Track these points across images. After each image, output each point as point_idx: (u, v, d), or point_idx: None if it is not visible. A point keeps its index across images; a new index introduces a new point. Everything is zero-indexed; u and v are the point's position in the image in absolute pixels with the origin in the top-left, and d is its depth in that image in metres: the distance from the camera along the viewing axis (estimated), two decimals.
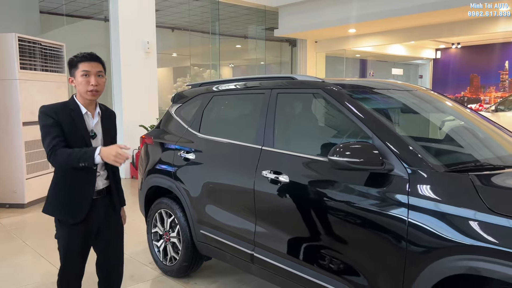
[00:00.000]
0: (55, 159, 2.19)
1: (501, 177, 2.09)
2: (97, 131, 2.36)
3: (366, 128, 2.38)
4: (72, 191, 2.29)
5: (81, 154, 2.16)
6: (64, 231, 2.33)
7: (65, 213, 2.30)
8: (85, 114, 2.31)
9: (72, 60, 2.28)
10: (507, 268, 1.74)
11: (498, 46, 13.74)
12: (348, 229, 2.35)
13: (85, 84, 2.23)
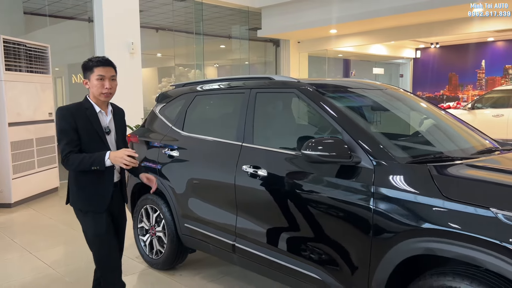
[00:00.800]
0: (68, 164, 2.38)
1: (456, 167, 2.30)
2: (111, 127, 2.56)
3: (336, 125, 2.58)
4: (95, 184, 2.47)
5: (93, 160, 2.35)
6: (90, 220, 2.50)
7: (90, 205, 2.49)
8: (99, 112, 2.50)
9: (88, 64, 2.46)
10: (458, 247, 1.95)
11: (475, 45, 14.17)
12: (321, 217, 2.54)
13: (100, 87, 2.43)
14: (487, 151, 2.79)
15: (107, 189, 2.51)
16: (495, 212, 1.87)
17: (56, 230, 5.19)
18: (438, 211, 2.04)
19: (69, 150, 2.37)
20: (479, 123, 10.02)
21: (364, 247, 2.30)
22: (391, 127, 3.26)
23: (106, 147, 2.48)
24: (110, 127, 2.55)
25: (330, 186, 2.49)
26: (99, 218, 2.49)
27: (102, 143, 2.47)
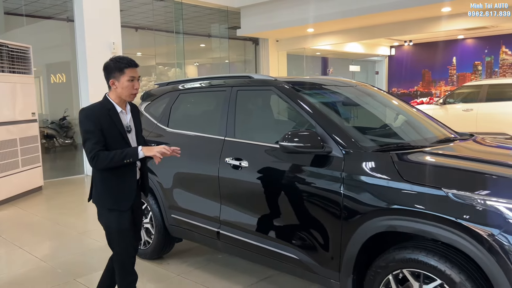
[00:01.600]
0: (98, 163, 2.43)
1: (415, 154, 2.59)
2: (131, 125, 2.64)
3: (310, 119, 2.84)
4: (120, 184, 2.55)
5: (125, 154, 2.44)
6: (115, 218, 2.56)
7: (115, 203, 2.55)
8: (120, 112, 2.57)
9: (118, 65, 2.50)
10: (416, 223, 2.24)
11: (446, 43, 14.71)
12: (298, 203, 2.80)
13: (130, 88, 2.51)
14: (446, 140, 3.10)
15: (131, 188, 2.58)
16: (446, 191, 2.16)
17: (43, 226, 5.32)
18: (398, 192, 2.32)
19: (98, 149, 2.42)
20: (450, 117, 10.48)
21: (336, 228, 2.57)
22: (362, 120, 3.54)
23: (129, 146, 2.55)
24: (131, 126, 2.62)
25: (305, 174, 2.75)
26: (124, 215, 2.57)
27: (125, 142, 2.54)
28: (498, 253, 1.99)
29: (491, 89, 10.18)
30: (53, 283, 3.60)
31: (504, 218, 2.01)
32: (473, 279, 2.08)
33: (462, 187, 2.15)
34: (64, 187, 7.56)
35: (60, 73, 12.61)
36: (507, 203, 2.02)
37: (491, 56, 13.94)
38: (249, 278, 3.55)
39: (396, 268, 2.32)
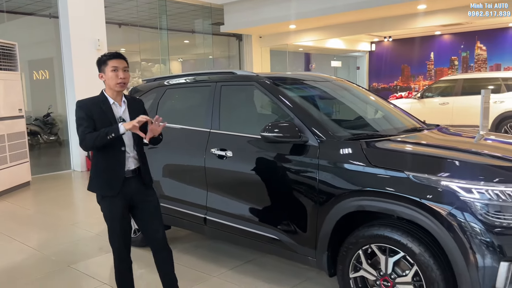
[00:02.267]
0: (85, 142, 2.57)
1: (382, 142, 2.86)
2: (125, 117, 2.71)
3: (288, 111, 3.09)
4: (108, 171, 2.67)
5: (108, 130, 2.54)
6: (107, 204, 2.69)
7: (103, 189, 2.69)
8: (112, 104, 2.67)
9: (101, 59, 2.66)
10: (382, 203, 2.52)
11: (424, 39, 15.15)
12: (278, 188, 3.06)
13: (114, 78, 2.62)
14: (412, 130, 3.39)
15: (118, 175, 2.66)
16: (407, 173, 2.44)
17: (34, 219, 5.48)
18: (366, 175, 2.60)
19: (86, 132, 2.56)
20: (427, 110, 10.88)
21: (312, 210, 2.84)
22: (337, 112, 3.81)
23: (120, 137, 2.61)
24: (124, 117, 2.70)
25: (285, 162, 3.00)
26: (114, 201, 2.67)
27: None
28: (451, 226, 2.28)
29: (466, 83, 10.59)
30: (48, 270, 3.80)
31: (457, 196, 2.29)
32: (431, 250, 2.37)
33: (421, 169, 2.43)
34: (52, 182, 7.69)
35: (43, 69, 12.59)
36: (459, 182, 2.31)
37: (467, 52, 14.42)
38: (234, 261, 3.80)
39: (365, 244, 2.60)
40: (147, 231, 2.88)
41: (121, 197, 2.70)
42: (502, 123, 9.88)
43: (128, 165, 2.71)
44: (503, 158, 2.61)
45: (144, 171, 2.79)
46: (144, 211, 2.82)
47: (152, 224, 2.85)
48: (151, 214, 2.83)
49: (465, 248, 2.25)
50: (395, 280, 2.51)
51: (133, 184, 2.74)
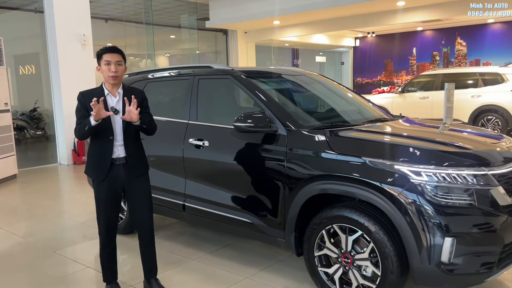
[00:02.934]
0: (76, 133, 2.89)
1: (344, 131, 3.09)
2: (118, 107, 2.89)
3: (260, 103, 3.30)
4: (97, 157, 2.92)
5: (84, 123, 2.78)
6: (96, 186, 2.94)
7: (94, 173, 2.95)
8: (107, 95, 2.87)
9: (98, 53, 2.88)
10: (342, 186, 2.75)
11: (406, 34, 15.48)
12: (251, 175, 3.27)
13: (107, 71, 2.83)
14: (376, 120, 3.63)
15: (105, 161, 2.87)
16: (364, 159, 2.67)
17: (20, 209, 5.63)
18: (329, 161, 2.83)
19: (78, 123, 2.85)
20: (408, 104, 11.18)
21: (281, 194, 3.06)
22: (308, 104, 4.03)
23: (109, 125, 2.84)
24: (117, 107, 2.88)
25: (257, 150, 3.22)
26: (100, 185, 2.91)
27: (105, 121, 2.81)
28: (402, 206, 2.51)
29: (445, 78, 10.88)
30: (35, 256, 3.97)
31: (407, 178, 2.53)
32: (385, 228, 2.60)
33: (376, 155, 2.66)
34: (38, 175, 7.81)
35: (30, 64, 12.61)
36: (409, 166, 2.54)
37: (447, 47, 14.77)
38: (212, 246, 4.02)
39: (328, 224, 2.83)
40: (136, 217, 3.09)
41: (108, 182, 2.90)
42: (479, 116, 10.21)
43: (118, 152, 2.89)
44: (453, 145, 2.85)
45: (132, 159, 2.94)
46: (134, 198, 3.01)
47: (141, 211, 3.05)
48: (141, 201, 3.02)
49: (414, 225, 2.49)
50: (354, 256, 2.75)
51: (121, 171, 2.92)
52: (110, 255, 3.07)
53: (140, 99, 2.94)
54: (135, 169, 2.97)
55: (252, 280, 3.30)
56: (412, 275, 2.59)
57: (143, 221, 3.06)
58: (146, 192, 3.05)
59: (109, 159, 2.88)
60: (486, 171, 2.55)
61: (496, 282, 3.17)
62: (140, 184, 3.02)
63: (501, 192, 2.56)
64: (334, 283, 2.85)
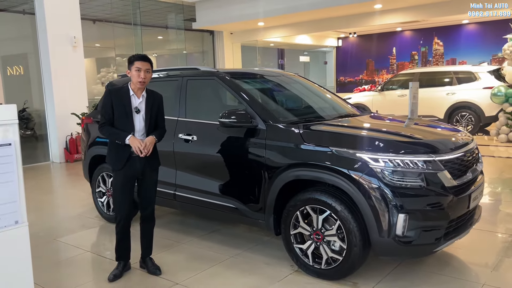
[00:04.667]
0: (102, 132, 3.30)
1: (316, 125, 3.52)
2: (141, 107, 3.29)
3: (242, 101, 3.71)
4: (117, 150, 3.30)
5: (117, 136, 3.22)
6: (114, 174, 3.37)
7: (113, 163, 3.37)
8: (132, 95, 3.26)
9: (130, 58, 3.26)
10: (313, 172, 3.17)
11: (387, 34, 16.03)
12: (235, 165, 3.68)
13: (136, 77, 3.20)
14: (346, 115, 4.07)
15: (122, 154, 3.27)
16: (331, 149, 3.10)
17: None
18: (301, 151, 3.25)
19: (104, 122, 3.26)
20: (388, 102, 11.69)
21: (261, 181, 3.47)
22: (286, 101, 4.46)
23: (131, 123, 3.23)
24: (139, 108, 3.28)
25: (240, 143, 3.62)
26: (118, 174, 3.32)
27: (128, 119, 3.23)
28: (362, 187, 2.95)
29: (422, 77, 11.43)
30: (37, 243, 4.31)
31: (367, 164, 2.96)
32: (349, 207, 3.03)
33: (341, 145, 3.10)
34: (31, 172, 8.10)
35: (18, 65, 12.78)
36: (368, 154, 2.98)
37: (425, 47, 15.36)
38: (201, 231, 4.42)
39: (302, 206, 3.25)
40: (141, 202, 3.51)
41: (123, 172, 3.31)
42: (454, 113, 10.77)
43: None
44: (406, 135, 3.31)
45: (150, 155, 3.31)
46: (143, 186, 3.44)
47: (146, 198, 3.48)
48: (147, 190, 3.46)
49: (373, 204, 2.92)
50: (324, 233, 3.17)
51: (137, 163, 3.31)
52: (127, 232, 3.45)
53: (158, 102, 3.41)
54: (149, 163, 3.36)
55: (236, 259, 3.71)
56: (373, 247, 3.03)
57: (147, 207, 3.50)
58: (155, 180, 3.51)
59: (127, 152, 3.28)
60: (434, 158, 3.00)
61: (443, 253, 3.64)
62: (152, 175, 3.46)
63: (447, 175, 3.01)
64: (308, 257, 3.28)
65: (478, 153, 3.62)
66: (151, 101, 3.35)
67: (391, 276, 3.29)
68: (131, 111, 3.26)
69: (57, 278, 3.56)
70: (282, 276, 3.36)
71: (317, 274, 3.26)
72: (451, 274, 3.29)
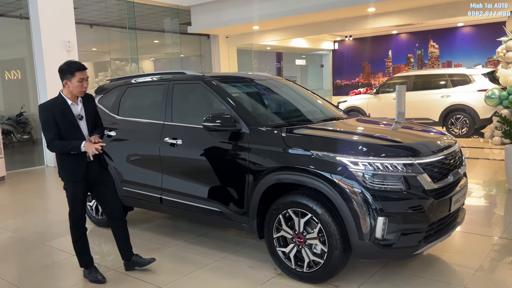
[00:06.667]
0: (52, 148, 3.21)
1: (299, 129, 3.53)
2: (82, 114, 3.32)
3: (226, 105, 3.73)
4: (73, 160, 3.26)
5: (72, 146, 3.18)
6: (71, 186, 3.31)
7: (71, 175, 3.30)
8: (71, 104, 3.26)
9: (68, 69, 3.19)
10: (294, 176, 3.18)
11: (383, 37, 16.07)
12: (219, 169, 3.69)
13: (80, 87, 3.22)
14: (331, 119, 4.08)
15: (81, 162, 3.26)
16: (312, 152, 3.12)
17: (10, 207, 5.97)
18: (283, 155, 3.26)
19: (52, 138, 3.18)
20: (383, 105, 11.71)
21: (244, 185, 3.48)
22: (271, 105, 4.48)
23: (80, 131, 3.27)
24: (81, 114, 3.32)
25: (224, 147, 3.64)
26: (77, 186, 3.30)
27: (75, 128, 3.26)
28: (342, 191, 2.96)
29: (417, 79, 11.46)
30: (25, 247, 4.34)
31: (346, 167, 2.97)
32: (330, 211, 3.04)
33: (322, 148, 3.11)
34: (26, 176, 8.13)
35: (15, 69, 12.83)
36: (348, 157, 2.99)
37: (421, 50, 15.39)
38: (189, 235, 4.43)
39: (284, 209, 3.26)
40: (107, 205, 3.53)
41: (87, 181, 3.34)
42: (449, 115, 10.79)
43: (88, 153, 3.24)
44: (386, 139, 3.32)
45: (102, 155, 3.40)
46: (103, 189, 3.46)
47: (112, 200, 3.52)
48: (110, 191, 3.50)
49: (352, 207, 2.93)
50: (306, 236, 3.18)
51: (93, 168, 3.37)
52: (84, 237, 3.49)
53: (93, 102, 3.46)
54: (101, 163, 3.43)
55: (221, 262, 3.72)
56: (353, 250, 3.04)
57: (115, 208, 3.52)
58: (113, 182, 3.55)
59: (84, 159, 3.30)
60: (414, 161, 3.01)
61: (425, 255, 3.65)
62: (107, 174, 3.52)
63: (427, 178, 3.02)
64: (290, 260, 3.29)
65: (461, 156, 3.63)
66: (87, 104, 3.38)
67: (374, 279, 3.29)
68: (75, 120, 3.28)
69: (43, 282, 3.57)
70: (265, 279, 3.36)
71: (299, 277, 3.26)
72: (433, 276, 3.29)
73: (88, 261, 3.52)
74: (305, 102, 4.53)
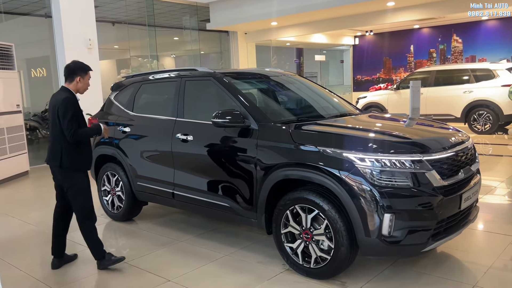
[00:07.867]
0: (79, 137, 3.42)
1: (307, 125, 3.52)
2: None
3: (236, 101, 3.75)
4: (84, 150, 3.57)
5: (93, 131, 3.59)
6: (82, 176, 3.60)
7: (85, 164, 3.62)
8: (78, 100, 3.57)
9: (85, 67, 3.59)
10: (301, 172, 3.19)
11: (404, 32, 15.74)
12: (229, 164, 3.72)
13: (87, 85, 3.64)
14: (343, 115, 4.06)
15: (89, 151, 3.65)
16: (318, 148, 3.11)
17: (32, 202, 6.17)
18: (291, 151, 3.27)
19: (75, 127, 3.39)
20: (403, 101, 11.49)
21: (253, 180, 3.51)
22: (282, 101, 4.47)
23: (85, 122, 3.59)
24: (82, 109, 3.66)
25: (233, 143, 3.67)
26: (87, 175, 3.64)
27: (84, 121, 3.58)
28: (349, 188, 2.95)
29: (439, 75, 11.23)
30: (44, 240, 4.48)
31: (353, 164, 2.96)
32: (336, 207, 3.03)
33: (329, 145, 3.10)
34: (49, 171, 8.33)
35: (41, 67, 13.21)
36: (355, 154, 2.97)
37: (444, 44, 15.01)
38: (200, 230, 4.49)
39: (291, 205, 3.27)
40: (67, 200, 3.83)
41: None
42: (471, 111, 10.53)
43: None
44: (395, 135, 3.28)
45: None
46: None
47: None
48: None
49: (359, 203, 2.92)
50: (313, 232, 3.19)
51: None
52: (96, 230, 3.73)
53: None
54: None
55: (230, 257, 3.76)
56: (360, 247, 3.02)
57: None
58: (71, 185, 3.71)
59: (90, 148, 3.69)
60: (422, 157, 2.97)
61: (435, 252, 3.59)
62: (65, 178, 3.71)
63: (435, 175, 2.98)
64: (297, 256, 3.30)
65: (474, 153, 3.56)
66: None
67: (381, 276, 3.27)
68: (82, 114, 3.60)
69: (60, 272, 3.70)
70: (272, 274, 3.39)
71: (306, 273, 3.27)
72: (442, 274, 3.25)
73: (103, 250, 3.66)
74: (317, 98, 4.51)
